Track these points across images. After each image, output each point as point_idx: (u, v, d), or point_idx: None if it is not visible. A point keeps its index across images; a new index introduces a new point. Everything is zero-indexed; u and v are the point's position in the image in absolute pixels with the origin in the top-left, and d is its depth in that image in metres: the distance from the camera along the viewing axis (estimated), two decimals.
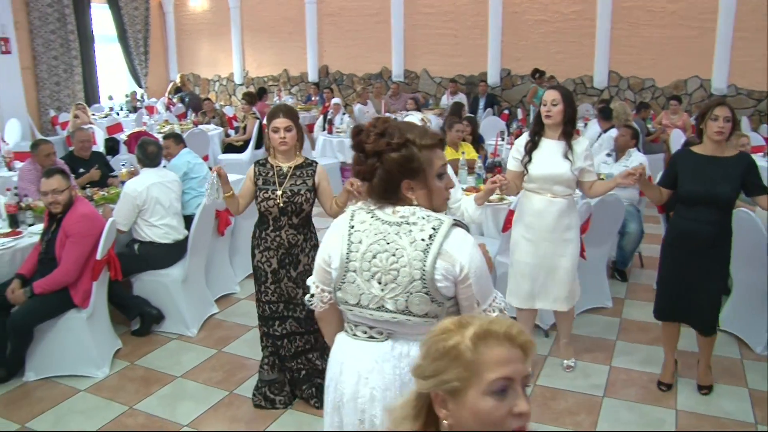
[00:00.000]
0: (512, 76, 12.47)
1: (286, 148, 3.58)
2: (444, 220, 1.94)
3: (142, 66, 15.03)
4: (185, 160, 5.31)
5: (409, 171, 1.95)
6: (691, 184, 3.60)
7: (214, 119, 10.66)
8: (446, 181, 2.05)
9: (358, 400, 2.03)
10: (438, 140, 2.01)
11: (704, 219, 3.59)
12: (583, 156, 3.83)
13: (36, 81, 12.65)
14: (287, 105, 3.81)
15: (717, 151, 3.60)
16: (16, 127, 10.48)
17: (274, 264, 3.64)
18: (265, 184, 3.58)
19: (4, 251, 4.37)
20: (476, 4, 12.35)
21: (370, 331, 2.04)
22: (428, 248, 1.89)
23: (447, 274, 1.89)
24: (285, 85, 14.77)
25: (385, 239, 1.95)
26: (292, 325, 3.72)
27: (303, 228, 3.65)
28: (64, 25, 12.84)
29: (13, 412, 3.83)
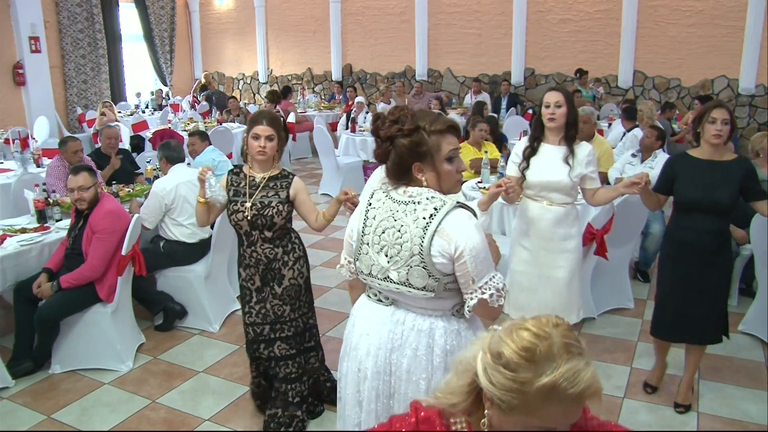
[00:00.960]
0: (536, 75, 12.41)
1: (263, 158, 3.32)
2: (447, 202, 2.08)
3: (167, 64, 15.20)
4: (210, 157, 5.37)
5: (418, 154, 2.11)
6: (689, 190, 3.46)
7: (239, 117, 10.75)
8: (457, 165, 2.17)
9: (359, 351, 2.26)
10: (448, 126, 2.13)
11: (702, 228, 3.46)
12: (585, 162, 3.66)
13: (64, 79, 12.88)
14: (271, 112, 3.61)
15: (715, 155, 3.46)
16: (44, 125, 10.65)
17: (257, 282, 3.43)
18: (236, 195, 3.36)
19: (32, 246, 4.46)
20: (500, 4, 12.31)
21: (379, 295, 2.26)
22: (427, 226, 2.05)
23: (443, 251, 2.04)
24: (308, 84, 14.85)
25: (393, 216, 2.14)
26: (281, 349, 3.49)
27: (280, 241, 3.41)
28: (92, 24, 13.05)
29: (40, 402, 3.91)
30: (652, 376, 3.96)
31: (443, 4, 12.92)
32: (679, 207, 3.57)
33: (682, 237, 3.54)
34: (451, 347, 2.17)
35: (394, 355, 2.19)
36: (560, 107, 3.60)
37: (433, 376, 2.16)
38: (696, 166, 3.47)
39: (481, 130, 6.18)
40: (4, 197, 6.11)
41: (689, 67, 11.03)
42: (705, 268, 3.51)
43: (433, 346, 2.16)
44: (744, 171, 3.42)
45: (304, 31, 14.66)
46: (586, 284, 4.77)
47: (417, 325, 2.18)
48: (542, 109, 3.67)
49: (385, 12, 13.57)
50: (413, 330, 2.18)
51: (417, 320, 2.18)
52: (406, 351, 2.18)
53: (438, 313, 2.18)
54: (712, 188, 3.40)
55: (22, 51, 11.66)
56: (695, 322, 3.58)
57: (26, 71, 11.78)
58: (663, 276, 3.74)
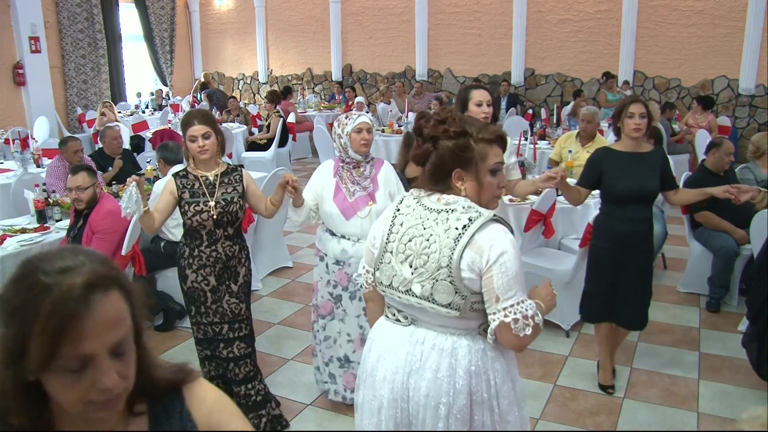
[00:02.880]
0: (536, 75, 12.41)
1: (207, 156, 3.32)
2: (483, 213, 1.94)
3: (167, 65, 15.20)
4: None
5: (461, 160, 1.97)
6: (624, 183, 3.60)
7: (239, 117, 10.76)
8: (499, 179, 2.04)
9: (375, 378, 2.08)
10: (497, 136, 2.01)
11: (637, 217, 3.65)
12: (508, 153, 3.63)
13: (64, 79, 12.87)
14: (202, 110, 3.57)
15: (637, 148, 3.65)
16: (44, 125, 10.65)
17: (212, 281, 3.38)
18: (194, 197, 3.31)
19: (32, 246, 4.45)
20: (500, 4, 12.32)
21: (398, 314, 2.08)
22: (459, 237, 1.90)
23: (473, 264, 1.89)
24: (309, 84, 14.86)
25: (423, 224, 1.99)
26: (239, 348, 3.47)
27: (237, 238, 3.45)
28: (92, 24, 13.04)
29: None
30: (605, 377, 3.97)
31: (443, 4, 12.92)
32: (614, 199, 3.69)
33: (619, 228, 3.67)
34: (477, 368, 1.97)
35: (413, 378, 2.00)
36: (490, 106, 3.59)
37: (455, 401, 1.95)
38: (622, 160, 3.64)
39: None
40: (4, 197, 6.11)
41: (689, 67, 11.03)
42: (638, 255, 3.71)
43: (456, 366, 1.96)
44: (662, 160, 3.68)
45: (304, 32, 14.67)
46: None
47: (438, 344, 1.99)
48: (473, 108, 3.54)
49: (386, 12, 13.57)
50: (434, 349, 1.99)
51: (438, 339, 2.00)
52: (426, 373, 1.98)
53: (462, 332, 2.00)
54: (642, 178, 3.59)
55: (22, 51, 11.64)
56: (632, 307, 3.75)
57: (26, 71, 11.77)
58: (596, 267, 3.83)
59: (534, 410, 3.71)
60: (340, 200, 3.49)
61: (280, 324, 4.94)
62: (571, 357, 4.37)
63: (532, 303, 1.93)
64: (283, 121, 9.63)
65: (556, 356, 4.37)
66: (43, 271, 1.00)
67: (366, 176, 3.52)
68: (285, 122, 9.66)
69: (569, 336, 4.64)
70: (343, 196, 3.49)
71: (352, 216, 3.46)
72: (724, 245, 5.04)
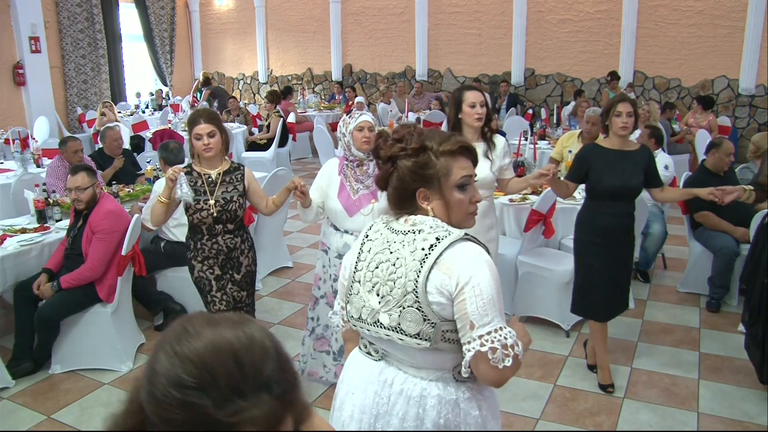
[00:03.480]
0: (536, 75, 12.41)
1: (211, 154, 3.47)
2: (453, 232, 1.78)
3: (167, 65, 15.20)
4: None
5: (422, 178, 1.82)
6: (610, 178, 3.69)
7: (239, 117, 10.75)
8: (470, 194, 1.87)
9: (343, 412, 1.95)
10: (460, 147, 1.84)
11: (622, 212, 3.75)
12: (502, 154, 3.79)
13: (64, 79, 12.86)
14: (207, 110, 3.70)
15: (623, 146, 3.75)
16: (44, 125, 10.65)
17: (216, 270, 3.56)
18: (196, 195, 3.44)
19: (32, 246, 4.46)
20: (501, 4, 12.31)
21: (369, 347, 1.94)
22: (426, 258, 1.74)
23: (442, 287, 1.71)
24: (309, 84, 14.85)
25: (390, 248, 1.83)
26: None
27: (239, 231, 3.61)
28: (93, 24, 13.04)
29: (40, 403, 3.91)
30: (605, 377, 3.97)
31: (443, 4, 12.91)
32: (599, 195, 3.78)
33: (602, 223, 3.76)
34: (446, 421, 1.80)
35: (380, 423, 1.86)
36: (484, 107, 3.68)
37: None
38: (608, 156, 3.73)
39: None
40: (4, 197, 6.11)
41: (689, 67, 11.03)
42: (624, 248, 3.82)
43: (424, 417, 1.80)
44: (647, 159, 3.78)
45: (305, 32, 14.66)
46: None
47: (406, 390, 1.83)
48: (466, 109, 3.66)
49: (386, 12, 13.57)
50: (401, 395, 1.83)
51: (407, 383, 1.83)
52: (392, 419, 1.84)
53: (433, 375, 1.82)
54: (627, 175, 3.69)
55: (23, 51, 11.64)
56: (619, 298, 3.90)
57: (26, 71, 11.77)
58: (586, 261, 3.89)
59: (534, 410, 3.72)
60: (344, 197, 3.57)
61: (280, 324, 4.94)
62: (572, 357, 4.37)
63: (512, 331, 1.73)
64: (283, 121, 9.63)
65: (556, 356, 4.37)
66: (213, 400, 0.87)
67: (369, 174, 3.58)
68: (285, 122, 9.66)
69: (569, 336, 4.64)
70: (347, 193, 3.57)
71: (355, 213, 3.55)
72: (724, 245, 5.04)
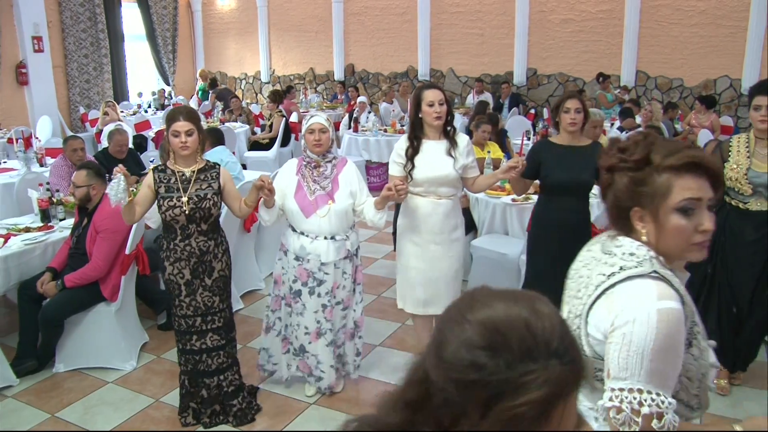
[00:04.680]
0: (538, 75, 12.41)
1: (187, 152, 3.42)
2: (644, 264, 1.52)
3: (170, 64, 15.22)
4: (219, 156, 5.30)
5: (636, 196, 1.57)
6: (557, 173, 3.73)
7: (241, 117, 10.77)
8: (696, 221, 1.53)
9: None
10: (687, 162, 1.52)
11: (570, 207, 3.77)
12: (465, 152, 3.78)
13: (67, 79, 12.90)
14: (188, 107, 3.64)
15: (574, 141, 3.80)
16: (47, 124, 10.68)
17: (186, 275, 3.48)
18: (168, 192, 3.41)
19: (36, 245, 4.47)
20: (503, 4, 12.31)
21: None
22: (601, 284, 1.56)
23: (599, 323, 1.53)
24: (311, 84, 14.87)
25: (588, 267, 1.68)
26: (212, 340, 3.58)
27: (213, 233, 3.52)
28: (95, 24, 13.07)
29: (44, 401, 3.93)
30: None
31: (445, 4, 12.92)
32: (548, 190, 3.85)
33: (552, 218, 3.81)
34: None
35: None
36: (443, 104, 3.68)
37: None
38: (558, 152, 3.79)
39: (483, 131, 6.18)
40: (8, 196, 6.13)
41: (692, 67, 11.02)
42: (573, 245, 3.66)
43: None
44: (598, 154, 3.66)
45: (307, 31, 14.67)
46: None
47: None
48: (425, 108, 3.66)
49: (388, 12, 13.58)
50: None
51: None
52: None
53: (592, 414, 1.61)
54: (576, 170, 3.69)
55: (25, 50, 11.69)
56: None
57: (29, 71, 11.80)
58: (533, 257, 3.95)
59: None
60: (300, 198, 3.61)
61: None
62: None
63: (665, 400, 1.42)
64: (286, 121, 9.64)
65: None
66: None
67: (326, 176, 3.63)
68: (288, 122, 9.67)
69: None
70: (304, 193, 3.61)
71: (311, 214, 3.59)
72: None
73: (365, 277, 4.81)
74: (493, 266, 5.05)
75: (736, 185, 3.64)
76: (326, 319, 3.73)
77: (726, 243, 3.75)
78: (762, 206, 3.59)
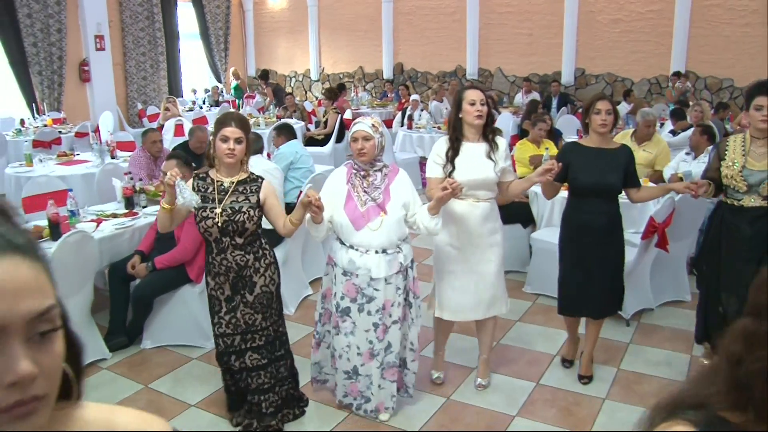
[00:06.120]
0: (586, 75, 12.51)
1: (233, 160, 3.24)
2: None
3: (222, 62, 15.64)
4: (293, 149, 5.57)
5: None
6: (584, 176, 3.74)
7: (296, 113, 11.08)
8: None
9: None
10: None
11: (597, 210, 3.77)
12: (504, 156, 3.72)
13: (125, 76, 13.41)
14: (240, 114, 3.50)
15: (603, 144, 3.79)
16: (109, 119, 11.13)
17: (227, 290, 3.34)
18: (204, 201, 3.24)
19: (125, 229, 4.80)
20: (552, 4, 12.44)
21: None
22: None
23: None
24: (360, 82, 15.14)
25: None
26: (252, 359, 3.42)
27: (251, 247, 3.33)
28: (153, 23, 13.54)
29: (136, 373, 4.25)
30: (567, 351, 4.28)
31: (494, 4, 13.09)
32: (576, 192, 3.86)
33: (579, 220, 3.83)
34: None
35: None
36: (484, 105, 3.62)
37: None
38: (587, 154, 3.78)
39: (540, 129, 6.36)
40: (87, 186, 6.50)
41: (742, 67, 10.99)
42: (602, 247, 3.82)
43: None
44: (627, 157, 3.81)
45: (356, 30, 14.97)
46: (645, 276, 4.96)
47: None
48: (467, 107, 3.61)
49: (437, 12, 13.79)
50: None
51: None
52: None
53: None
54: (603, 173, 3.72)
55: (88, 49, 12.19)
56: (594, 298, 3.90)
57: (91, 68, 12.31)
58: (564, 257, 4.00)
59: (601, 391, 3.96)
60: (350, 209, 3.38)
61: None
62: (632, 344, 4.56)
63: None
64: (341, 118, 9.92)
65: (618, 343, 4.57)
66: None
67: (376, 186, 3.41)
68: (342, 118, 9.95)
69: (629, 325, 4.82)
70: (354, 205, 3.38)
71: (362, 227, 3.36)
72: None
73: None
74: (552, 258, 5.20)
75: (731, 182, 3.68)
76: (378, 339, 3.47)
77: (722, 241, 3.80)
78: (755, 202, 3.64)
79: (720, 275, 3.83)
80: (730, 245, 3.77)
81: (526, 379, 4.12)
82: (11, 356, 0.70)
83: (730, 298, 3.80)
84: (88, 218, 4.94)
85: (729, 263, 3.78)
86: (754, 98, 3.60)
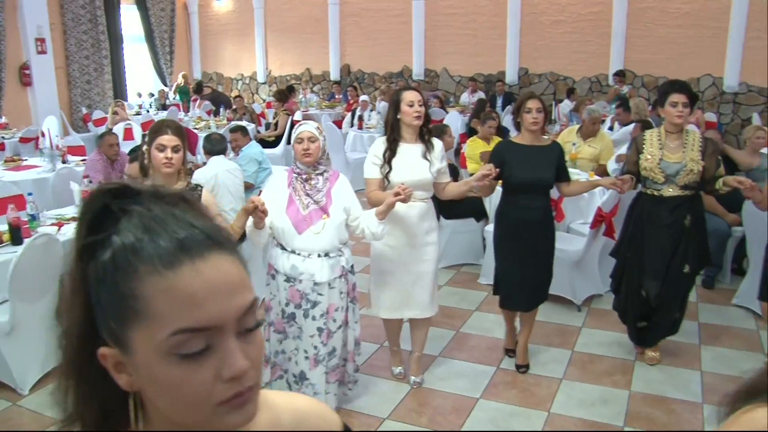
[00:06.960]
0: (530, 74, 12.87)
1: (171, 170, 3.10)
2: None
3: (167, 65, 15.48)
4: (258, 150, 5.64)
5: None
6: (519, 173, 3.85)
7: (245, 116, 11.11)
8: None
9: None
10: None
11: (532, 205, 3.91)
12: (440, 157, 3.80)
13: (68, 80, 13.09)
14: (176, 122, 3.39)
15: (535, 141, 3.93)
16: (54, 124, 10.90)
17: None
18: None
19: None
20: (496, 6, 12.74)
21: None
22: None
23: None
24: (307, 84, 15.20)
25: None
26: None
27: None
28: (96, 25, 13.28)
29: None
30: (508, 342, 4.43)
31: (440, 6, 13.33)
32: (511, 189, 3.99)
33: (516, 215, 3.95)
34: None
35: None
36: (422, 106, 3.68)
37: None
38: (521, 152, 3.91)
39: (490, 126, 6.60)
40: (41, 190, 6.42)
41: (676, 66, 11.45)
42: (538, 241, 4.00)
43: None
44: (559, 153, 3.99)
45: (303, 32, 15.01)
46: (594, 263, 5.23)
47: None
48: (405, 108, 3.66)
49: (384, 13, 13.96)
50: None
51: None
52: None
53: None
54: (537, 169, 3.87)
55: (29, 52, 11.89)
56: (530, 291, 4.08)
57: (32, 72, 12.01)
58: (501, 254, 4.11)
59: (557, 371, 4.20)
60: (293, 213, 3.36)
61: None
62: (584, 327, 4.82)
63: None
64: (291, 119, 10.02)
65: (571, 327, 4.84)
66: None
67: (318, 189, 3.41)
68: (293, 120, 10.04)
69: (581, 310, 5.08)
70: (297, 208, 3.36)
71: (305, 230, 3.34)
72: (717, 228, 5.48)
73: None
74: None
75: (650, 174, 3.92)
76: (323, 343, 3.44)
77: (644, 228, 4.04)
78: (674, 192, 3.90)
79: (643, 261, 4.06)
80: (652, 232, 4.01)
81: (487, 364, 4.32)
82: (229, 352, 0.74)
83: (651, 282, 4.06)
84: (48, 222, 4.93)
85: (651, 249, 4.02)
86: (669, 95, 3.83)
